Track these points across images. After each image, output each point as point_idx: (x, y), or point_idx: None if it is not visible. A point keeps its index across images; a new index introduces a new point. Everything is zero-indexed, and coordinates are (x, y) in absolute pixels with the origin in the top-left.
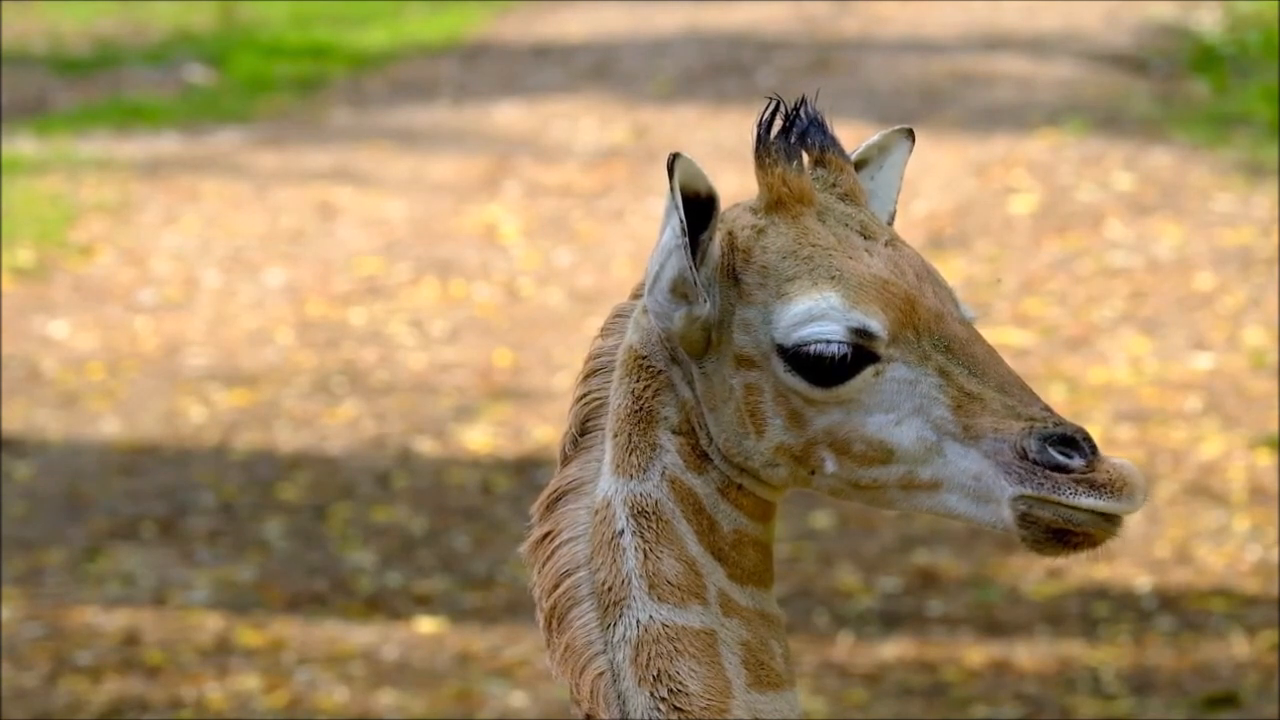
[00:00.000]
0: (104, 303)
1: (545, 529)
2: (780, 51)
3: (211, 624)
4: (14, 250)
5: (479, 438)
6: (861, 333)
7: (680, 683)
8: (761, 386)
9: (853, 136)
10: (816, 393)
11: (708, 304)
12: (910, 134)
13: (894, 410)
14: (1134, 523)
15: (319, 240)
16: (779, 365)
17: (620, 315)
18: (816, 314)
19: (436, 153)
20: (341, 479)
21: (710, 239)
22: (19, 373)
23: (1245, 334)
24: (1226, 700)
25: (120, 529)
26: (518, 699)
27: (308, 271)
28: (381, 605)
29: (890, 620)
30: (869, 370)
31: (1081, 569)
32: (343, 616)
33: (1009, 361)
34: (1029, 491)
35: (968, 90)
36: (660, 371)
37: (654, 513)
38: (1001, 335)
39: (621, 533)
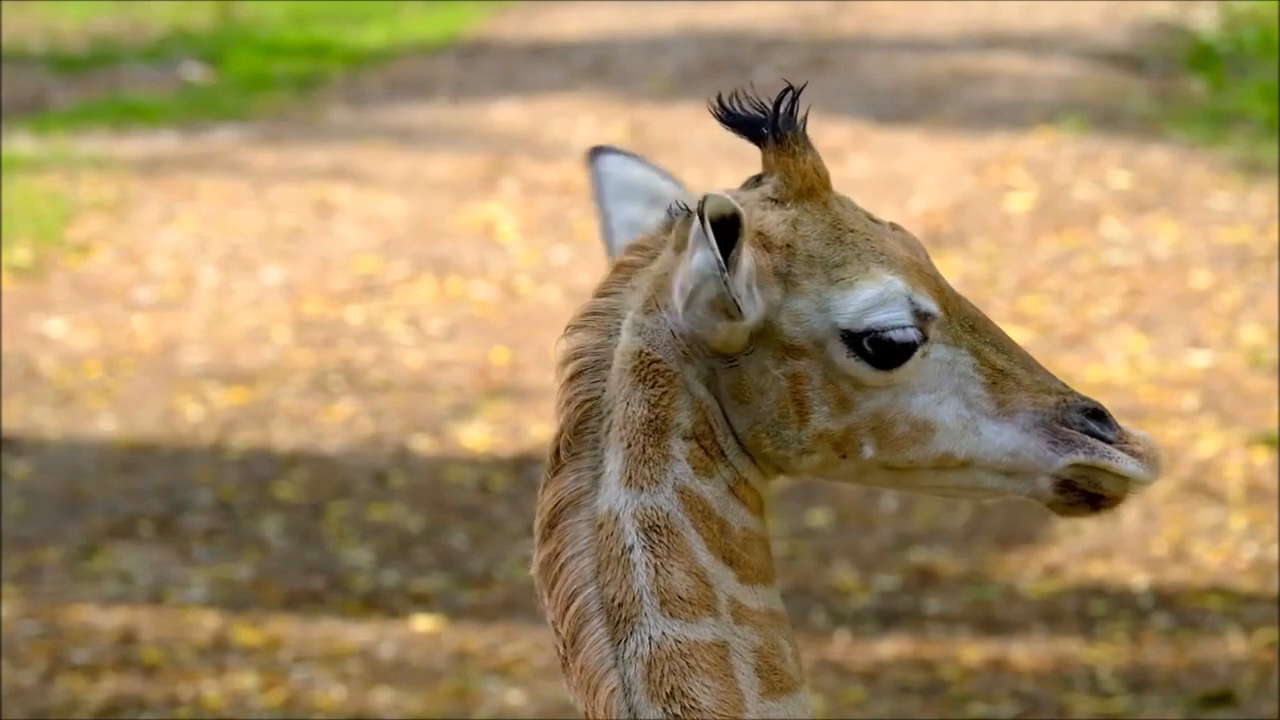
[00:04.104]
0: (101, 301)
1: (551, 548)
2: (778, 50)
3: (208, 622)
4: (11, 249)
5: (476, 436)
6: (923, 315)
7: (693, 699)
8: (809, 374)
9: (852, 135)
10: (874, 377)
11: (752, 313)
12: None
13: (936, 390)
14: (1131, 521)
15: (316, 238)
16: (840, 351)
17: (596, 313)
18: (887, 298)
19: (434, 151)
20: (339, 477)
21: (739, 253)
22: (17, 371)
23: (1242, 332)
24: (1223, 698)
25: (118, 527)
26: (515, 697)
27: (305, 270)
28: (378, 603)
29: (887, 618)
30: (918, 352)
31: (1079, 567)
32: (340, 615)
33: None
34: (1082, 459)
35: (965, 88)
36: (675, 375)
37: (665, 526)
38: None
39: (631, 548)
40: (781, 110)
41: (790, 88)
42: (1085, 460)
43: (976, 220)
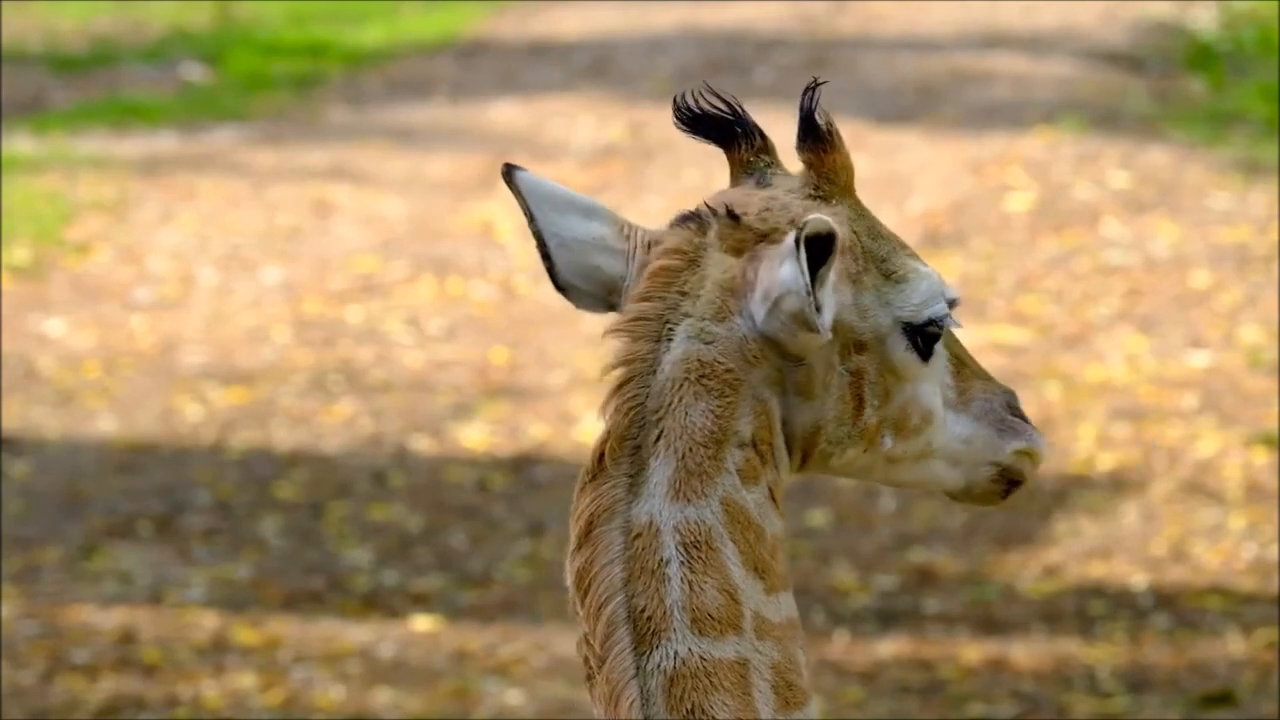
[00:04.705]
0: (101, 301)
1: (586, 555)
2: (777, 49)
3: (208, 622)
4: (11, 248)
5: (475, 436)
6: (951, 304)
7: (711, 717)
8: (867, 369)
9: (851, 135)
10: (918, 368)
11: (829, 324)
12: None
13: (934, 380)
14: (1130, 521)
15: (316, 238)
16: (899, 344)
17: (644, 319)
18: (935, 289)
19: (433, 151)
20: (338, 477)
21: (828, 269)
22: (16, 371)
23: (1242, 332)
24: (1223, 698)
25: (117, 527)
26: (514, 697)
27: (304, 269)
28: (378, 603)
29: (887, 618)
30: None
31: (1078, 567)
32: (339, 615)
33: (1005, 361)
34: (1023, 445)
35: (965, 88)
36: (741, 382)
37: (704, 542)
38: (998, 333)
39: (668, 562)
40: (817, 109)
41: (815, 83)
42: (1025, 446)
43: (975, 220)
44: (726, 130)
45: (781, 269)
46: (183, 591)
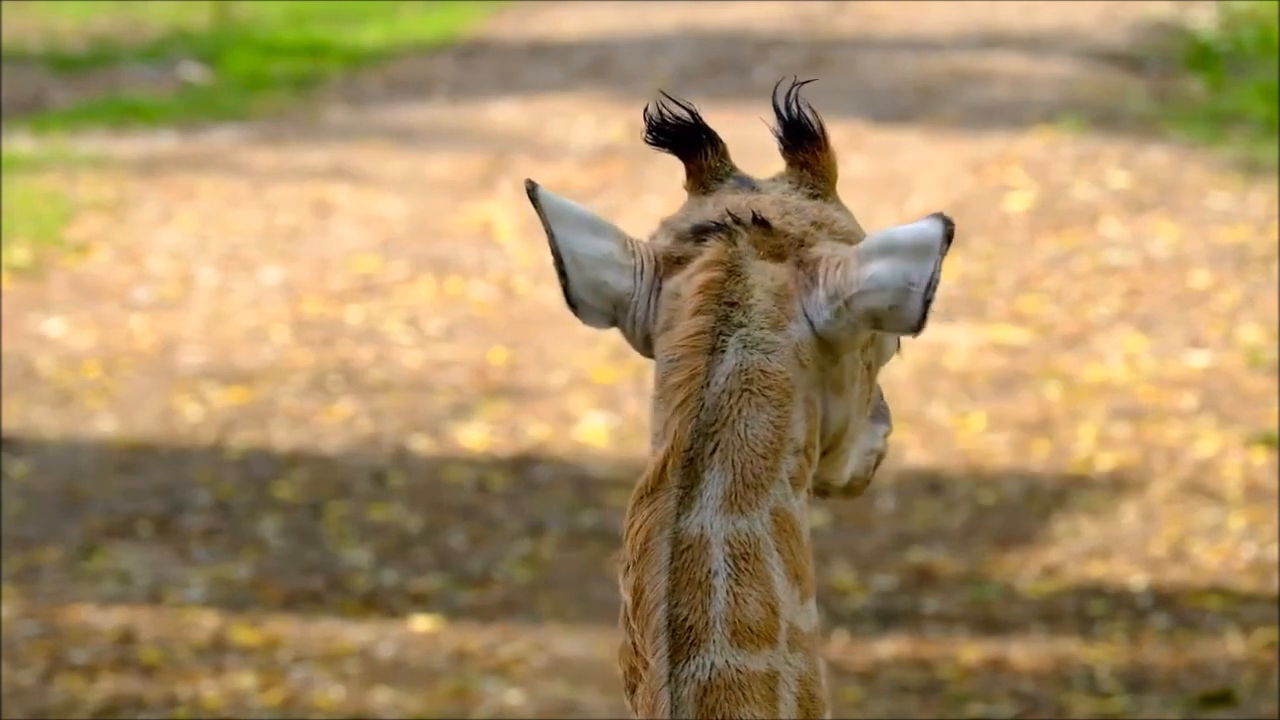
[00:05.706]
0: (100, 301)
1: (640, 569)
2: (777, 49)
3: (207, 622)
4: (10, 248)
5: (475, 436)
6: None
7: None
8: (873, 360)
9: (850, 135)
10: (890, 356)
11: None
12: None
13: None
14: (1130, 521)
15: (315, 238)
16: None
17: (702, 333)
18: None
19: (433, 151)
20: (337, 477)
21: None
22: (16, 371)
23: (1241, 332)
24: (1222, 698)
25: (116, 527)
26: (513, 697)
27: (304, 270)
28: (377, 603)
29: (885, 618)
30: None
31: (1078, 567)
32: (338, 615)
33: (1005, 361)
34: (889, 429)
35: (964, 88)
36: (794, 389)
37: (752, 554)
38: (998, 333)
39: (714, 574)
40: (805, 110)
41: (796, 83)
42: (889, 430)
43: (975, 220)
44: (693, 139)
45: (870, 267)
46: (182, 591)
